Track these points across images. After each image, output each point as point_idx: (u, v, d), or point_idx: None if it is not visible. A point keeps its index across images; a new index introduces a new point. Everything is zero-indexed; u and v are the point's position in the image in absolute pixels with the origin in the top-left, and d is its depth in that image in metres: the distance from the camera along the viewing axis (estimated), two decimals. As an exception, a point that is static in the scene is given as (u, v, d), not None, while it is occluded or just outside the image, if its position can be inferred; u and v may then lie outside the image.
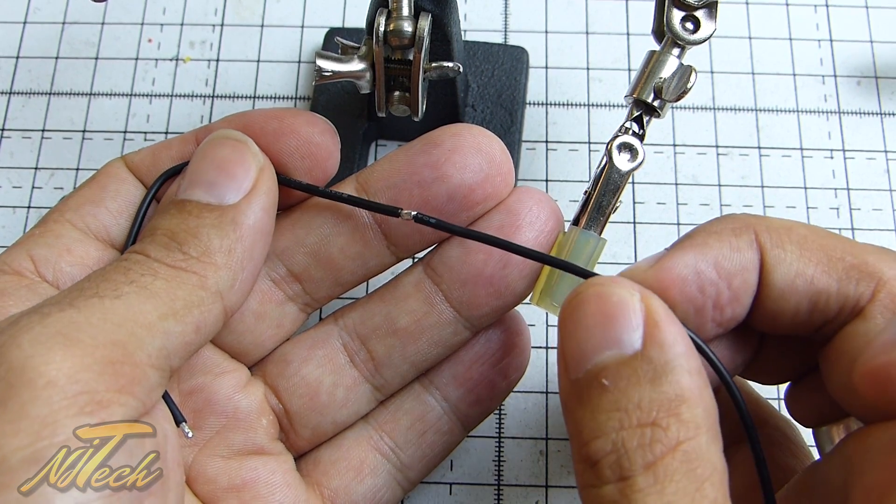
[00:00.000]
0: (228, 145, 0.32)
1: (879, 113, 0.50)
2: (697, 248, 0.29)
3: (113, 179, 0.33)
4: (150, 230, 0.31)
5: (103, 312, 0.26)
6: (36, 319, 0.25)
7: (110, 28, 0.52)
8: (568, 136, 0.49)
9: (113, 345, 0.25)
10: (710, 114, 0.50)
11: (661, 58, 0.37)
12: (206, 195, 0.31)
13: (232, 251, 0.30)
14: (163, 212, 0.31)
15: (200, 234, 0.30)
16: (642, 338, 0.26)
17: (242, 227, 0.30)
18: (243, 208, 0.30)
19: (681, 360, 0.26)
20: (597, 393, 0.26)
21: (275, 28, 0.52)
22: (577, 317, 0.27)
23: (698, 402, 0.26)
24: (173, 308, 0.28)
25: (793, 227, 0.29)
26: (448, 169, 0.33)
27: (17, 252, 0.31)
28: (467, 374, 0.35)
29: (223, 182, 0.31)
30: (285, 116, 0.33)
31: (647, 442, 0.25)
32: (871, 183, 0.48)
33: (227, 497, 0.33)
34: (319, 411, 0.35)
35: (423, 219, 0.32)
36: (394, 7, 0.37)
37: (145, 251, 0.29)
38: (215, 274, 0.29)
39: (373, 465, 0.36)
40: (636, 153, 0.36)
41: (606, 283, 0.28)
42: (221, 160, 0.31)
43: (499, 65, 0.49)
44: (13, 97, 0.50)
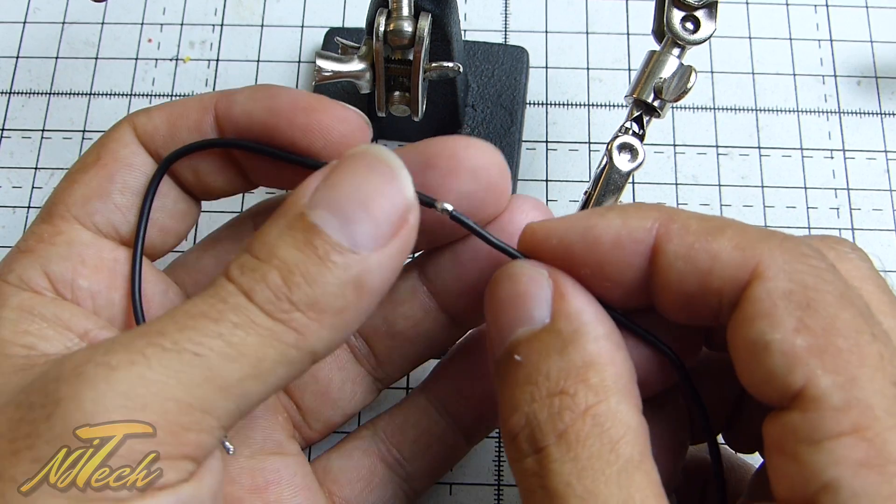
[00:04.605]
0: (379, 174, 0.27)
1: (879, 113, 0.50)
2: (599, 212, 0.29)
3: (122, 166, 0.31)
4: (265, 248, 0.26)
5: (178, 371, 0.24)
6: (102, 375, 0.24)
7: (110, 28, 0.52)
8: (568, 136, 0.49)
9: (181, 410, 0.24)
10: (710, 114, 0.50)
11: (661, 58, 0.37)
12: (339, 232, 0.26)
13: (344, 312, 0.26)
14: (286, 229, 0.26)
15: (317, 284, 0.26)
16: (550, 311, 0.27)
17: (364, 290, 0.26)
18: (373, 267, 0.26)
19: (587, 328, 0.27)
20: (512, 369, 0.27)
21: (275, 28, 0.52)
22: (493, 299, 0.28)
23: (607, 365, 0.26)
24: (259, 369, 0.25)
25: (699, 214, 0.29)
26: (444, 196, 0.31)
27: (31, 266, 0.29)
28: (471, 390, 0.36)
29: (362, 222, 0.26)
30: (315, 109, 0.30)
31: (557, 411, 0.25)
32: (871, 183, 0.48)
33: (251, 499, 0.33)
34: (331, 405, 0.36)
35: (458, 217, 0.30)
36: (394, 7, 0.37)
37: (250, 290, 0.25)
38: (317, 333, 0.26)
39: (382, 476, 0.36)
40: (636, 153, 0.36)
41: (517, 265, 0.29)
42: (368, 194, 0.27)
43: (499, 65, 0.49)
44: (13, 97, 0.50)
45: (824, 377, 0.24)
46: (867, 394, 0.24)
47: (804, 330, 0.24)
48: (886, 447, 0.23)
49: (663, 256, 0.27)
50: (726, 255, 0.26)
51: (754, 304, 0.25)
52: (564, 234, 0.28)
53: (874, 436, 0.23)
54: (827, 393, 0.24)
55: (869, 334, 0.25)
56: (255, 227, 0.35)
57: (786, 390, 0.24)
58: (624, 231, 0.28)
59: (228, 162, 0.32)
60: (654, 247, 0.27)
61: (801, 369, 0.24)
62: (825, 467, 0.23)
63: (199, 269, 0.34)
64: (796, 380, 0.24)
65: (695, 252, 0.27)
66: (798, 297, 0.25)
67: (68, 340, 0.28)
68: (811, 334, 0.24)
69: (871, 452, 0.23)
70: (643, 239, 0.28)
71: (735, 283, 0.26)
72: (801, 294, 0.25)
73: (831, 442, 0.23)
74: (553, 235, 0.29)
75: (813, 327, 0.24)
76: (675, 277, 0.27)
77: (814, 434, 0.24)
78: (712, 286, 0.27)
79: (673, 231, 0.27)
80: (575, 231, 0.28)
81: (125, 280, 0.31)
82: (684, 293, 0.27)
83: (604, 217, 0.28)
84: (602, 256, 0.28)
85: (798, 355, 0.24)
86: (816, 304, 0.25)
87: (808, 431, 0.24)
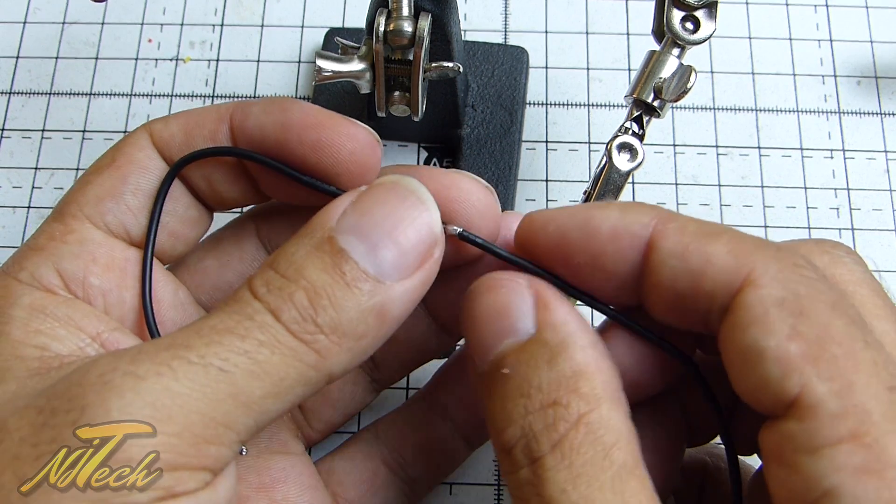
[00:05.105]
0: (409, 205, 0.28)
1: (879, 113, 0.50)
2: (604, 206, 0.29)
3: (136, 168, 0.31)
4: (292, 267, 0.27)
5: (204, 385, 0.24)
6: (129, 384, 0.24)
7: (110, 28, 0.52)
8: (568, 136, 0.49)
9: (205, 424, 0.24)
10: (710, 114, 0.50)
11: (661, 58, 0.37)
12: (366, 259, 0.27)
13: (364, 338, 0.27)
14: (314, 250, 0.27)
15: (342, 309, 0.26)
16: (535, 322, 0.27)
17: (385, 318, 0.27)
18: (396, 297, 0.27)
19: (573, 338, 0.27)
20: (501, 382, 0.27)
21: (275, 28, 0.52)
22: (473, 312, 0.28)
23: (595, 374, 0.26)
24: (279, 388, 0.26)
25: (696, 218, 0.28)
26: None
27: (43, 264, 0.29)
28: (472, 396, 0.36)
29: (389, 251, 0.27)
30: (325, 126, 0.30)
31: (552, 422, 0.25)
32: (871, 183, 0.48)
33: (258, 497, 0.33)
34: (332, 405, 0.36)
35: (467, 237, 0.30)
36: (394, 7, 0.37)
37: (278, 309, 0.26)
38: (336, 357, 0.26)
39: (384, 478, 0.36)
40: (636, 153, 0.36)
41: (495, 276, 0.28)
42: (396, 223, 0.27)
43: (499, 65, 0.49)
44: (13, 97, 0.50)
45: (820, 384, 0.24)
46: (864, 399, 0.24)
47: (798, 337, 0.24)
48: (885, 452, 0.23)
49: (657, 253, 0.27)
50: (720, 259, 0.26)
51: (747, 310, 0.25)
52: (563, 223, 0.28)
53: (873, 441, 0.23)
54: (823, 400, 0.24)
55: (862, 341, 0.25)
56: (255, 228, 0.35)
57: (781, 397, 0.24)
58: (622, 223, 0.28)
59: (241, 173, 0.32)
60: (650, 242, 0.28)
61: (796, 376, 0.24)
62: (825, 475, 0.23)
63: (200, 270, 0.34)
64: (791, 387, 0.24)
65: (689, 252, 0.27)
66: (791, 305, 0.25)
67: (80, 340, 0.28)
68: (805, 341, 0.24)
69: (870, 458, 0.23)
70: (640, 233, 0.28)
71: (727, 288, 0.26)
72: (795, 302, 0.25)
73: (830, 449, 0.23)
74: (551, 223, 0.29)
75: (806, 334, 0.24)
76: (667, 275, 0.27)
77: (812, 442, 0.24)
78: (703, 288, 0.27)
79: (670, 229, 0.27)
80: (574, 220, 0.28)
81: (136, 279, 0.31)
82: (675, 293, 0.27)
83: (603, 209, 0.28)
84: (598, 246, 0.28)
85: (793, 362, 0.24)
86: (809, 312, 0.25)
87: (805, 440, 0.24)
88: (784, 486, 0.25)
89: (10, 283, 0.29)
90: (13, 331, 0.27)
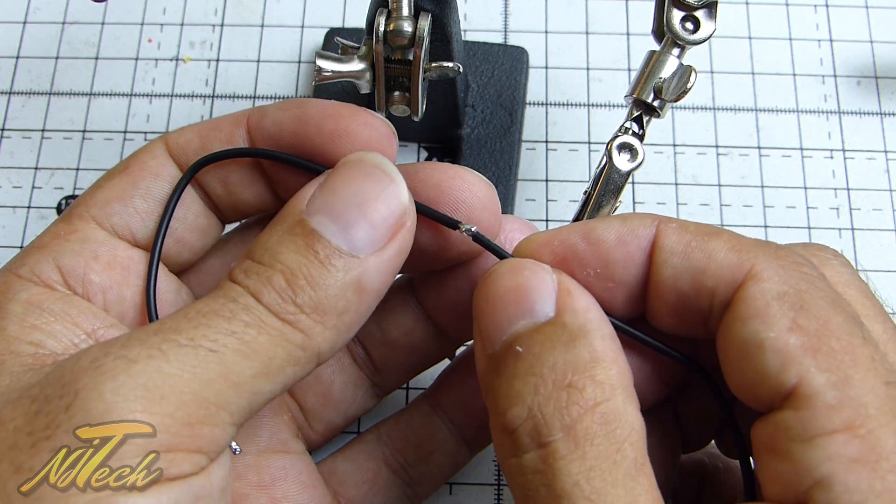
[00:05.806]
0: (375, 179, 0.28)
1: (879, 113, 0.50)
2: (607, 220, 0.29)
3: (147, 174, 0.31)
4: (267, 253, 0.27)
5: (195, 366, 0.25)
6: (121, 367, 0.24)
7: (110, 28, 0.52)
8: (568, 136, 0.49)
9: (197, 404, 0.25)
10: (710, 114, 0.50)
11: (661, 58, 0.37)
12: (339, 237, 0.27)
13: (345, 313, 0.27)
14: (286, 235, 0.28)
15: (320, 287, 0.27)
16: (555, 305, 0.27)
17: (364, 291, 0.27)
18: (371, 269, 0.27)
19: (594, 324, 0.27)
20: (512, 361, 0.27)
21: (275, 28, 0.52)
22: (491, 293, 0.28)
23: (612, 363, 0.26)
24: (269, 367, 0.26)
25: (694, 222, 0.29)
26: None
27: (44, 260, 0.29)
28: (473, 400, 0.36)
29: (360, 227, 0.27)
30: (342, 116, 0.31)
31: (564, 404, 0.25)
32: (871, 183, 0.48)
33: (258, 495, 0.33)
34: (333, 407, 0.36)
35: (481, 238, 0.30)
36: (394, 7, 0.37)
37: (258, 292, 0.27)
38: (321, 335, 0.27)
39: (386, 479, 0.36)
40: (636, 153, 0.36)
41: (517, 260, 0.29)
42: (364, 198, 0.28)
43: (499, 65, 0.49)
44: (13, 97, 0.50)
45: (818, 375, 0.24)
46: (860, 392, 0.24)
47: (798, 329, 0.25)
48: (879, 444, 0.23)
49: (660, 252, 0.28)
50: (722, 255, 0.27)
51: (748, 303, 0.26)
52: (566, 238, 0.29)
53: (867, 433, 0.23)
54: (820, 390, 0.24)
55: (860, 337, 0.25)
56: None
57: (778, 389, 0.25)
58: (625, 229, 0.28)
59: (259, 175, 0.32)
60: (654, 242, 0.28)
61: (794, 367, 0.24)
62: (818, 464, 0.23)
63: (206, 271, 0.35)
64: (789, 378, 0.24)
65: (691, 249, 0.27)
66: (791, 298, 0.25)
67: (75, 336, 0.28)
68: (805, 334, 0.25)
69: (864, 449, 0.23)
70: (645, 234, 0.28)
71: (729, 283, 0.26)
72: (795, 296, 0.25)
73: (824, 438, 0.24)
74: (555, 240, 0.29)
75: (806, 327, 0.25)
76: (669, 274, 0.27)
77: (806, 431, 0.24)
78: (706, 285, 0.27)
79: (671, 228, 0.28)
80: (577, 234, 0.29)
81: (138, 278, 0.31)
82: (678, 292, 0.28)
83: (604, 221, 0.29)
84: (607, 254, 0.28)
85: (792, 353, 0.24)
86: (810, 307, 0.25)
87: (800, 429, 0.24)
88: (776, 476, 0.25)
89: (9, 279, 0.29)
90: (9, 326, 0.27)
